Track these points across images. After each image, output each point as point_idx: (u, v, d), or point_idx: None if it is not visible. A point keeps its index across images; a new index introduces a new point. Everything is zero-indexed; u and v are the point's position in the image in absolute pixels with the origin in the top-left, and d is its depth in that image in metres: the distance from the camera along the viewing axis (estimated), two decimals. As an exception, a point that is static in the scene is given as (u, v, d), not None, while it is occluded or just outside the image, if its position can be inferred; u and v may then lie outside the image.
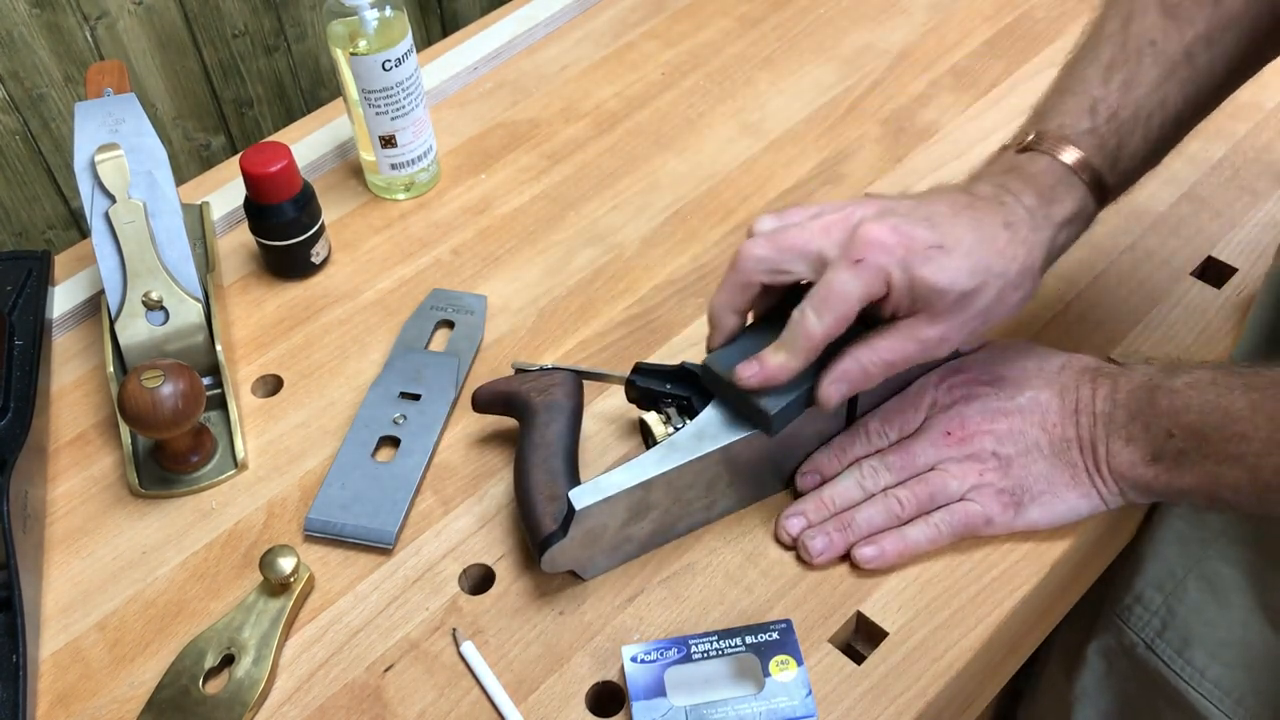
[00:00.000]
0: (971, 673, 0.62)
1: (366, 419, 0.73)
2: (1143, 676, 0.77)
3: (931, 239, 0.56)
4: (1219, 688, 0.72)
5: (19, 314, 0.78)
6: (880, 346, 0.58)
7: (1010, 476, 0.63)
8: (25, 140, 1.05)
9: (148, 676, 0.63)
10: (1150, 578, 0.75)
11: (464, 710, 0.60)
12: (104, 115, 0.75)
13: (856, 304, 0.56)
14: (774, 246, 0.59)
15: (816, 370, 0.59)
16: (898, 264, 0.55)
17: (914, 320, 0.57)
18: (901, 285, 0.56)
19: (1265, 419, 0.56)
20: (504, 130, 0.95)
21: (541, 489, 0.63)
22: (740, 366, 0.59)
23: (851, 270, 0.56)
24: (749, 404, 0.60)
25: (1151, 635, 0.75)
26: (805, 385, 0.60)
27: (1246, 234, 0.80)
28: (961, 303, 0.56)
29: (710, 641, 0.60)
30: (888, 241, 0.55)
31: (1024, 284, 0.58)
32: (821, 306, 0.56)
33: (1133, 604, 0.76)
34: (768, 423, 0.60)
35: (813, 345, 0.57)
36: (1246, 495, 0.57)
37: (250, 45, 1.15)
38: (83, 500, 0.71)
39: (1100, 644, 0.80)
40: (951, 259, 0.55)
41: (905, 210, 0.57)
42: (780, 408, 0.60)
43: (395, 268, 0.84)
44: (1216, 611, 0.72)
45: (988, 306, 0.57)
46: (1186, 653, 0.73)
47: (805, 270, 0.58)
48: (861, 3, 1.05)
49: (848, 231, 0.57)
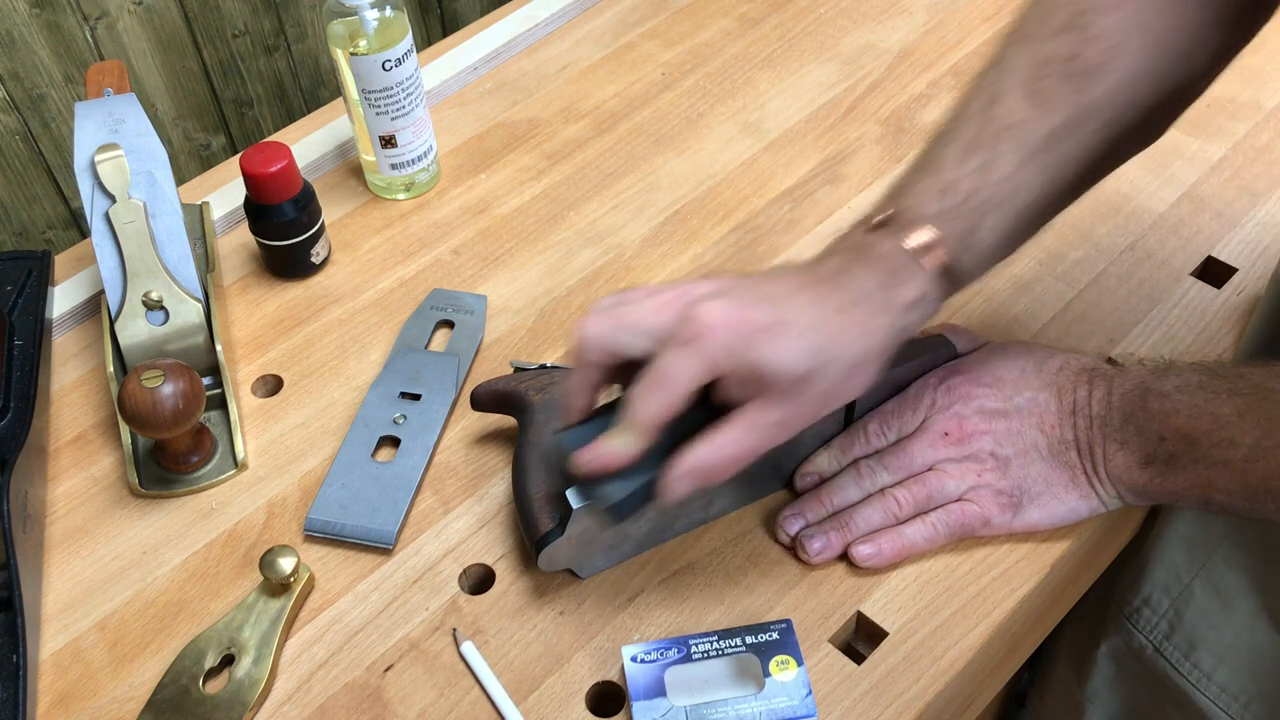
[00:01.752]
0: (971, 673, 0.62)
1: (366, 419, 0.73)
2: (1151, 679, 0.77)
3: (766, 319, 0.53)
4: (1226, 691, 0.72)
5: (19, 314, 0.78)
6: (719, 440, 0.55)
7: (1009, 477, 0.63)
8: (25, 140, 1.05)
9: (148, 676, 0.63)
10: (1157, 581, 0.75)
11: (464, 710, 0.60)
12: (104, 115, 0.75)
13: (687, 386, 0.54)
14: (609, 324, 0.56)
15: (660, 460, 0.56)
16: (732, 344, 0.53)
17: (753, 407, 0.54)
18: (735, 367, 0.53)
19: (1251, 425, 0.56)
20: (504, 130, 0.95)
21: (539, 488, 0.63)
22: (577, 453, 0.57)
23: (683, 351, 0.53)
24: (594, 490, 0.58)
25: (1159, 638, 0.75)
26: (649, 475, 0.57)
27: (1246, 234, 0.80)
28: (799, 385, 0.53)
29: (710, 641, 0.60)
30: (719, 322, 0.53)
31: (862, 367, 0.55)
32: (651, 388, 0.54)
33: (1141, 607, 0.76)
34: (613, 511, 0.57)
35: (644, 428, 0.54)
36: (1237, 499, 0.57)
37: (250, 45, 1.15)
38: (83, 500, 0.71)
39: (1110, 646, 0.80)
40: (787, 340, 0.53)
41: (742, 290, 0.55)
42: (620, 497, 0.57)
43: (395, 268, 0.84)
44: (1222, 615, 0.72)
45: (829, 388, 0.55)
46: (1194, 656, 0.74)
47: (640, 348, 0.55)
48: (861, 3, 1.05)
49: (682, 311, 0.54)
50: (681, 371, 0.53)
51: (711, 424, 0.55)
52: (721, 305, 0.53)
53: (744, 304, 0.54)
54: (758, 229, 0.85)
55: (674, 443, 0.56)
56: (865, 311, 0.55)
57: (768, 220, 0.85)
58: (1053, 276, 0.79)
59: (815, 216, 0.85)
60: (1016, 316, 0.76)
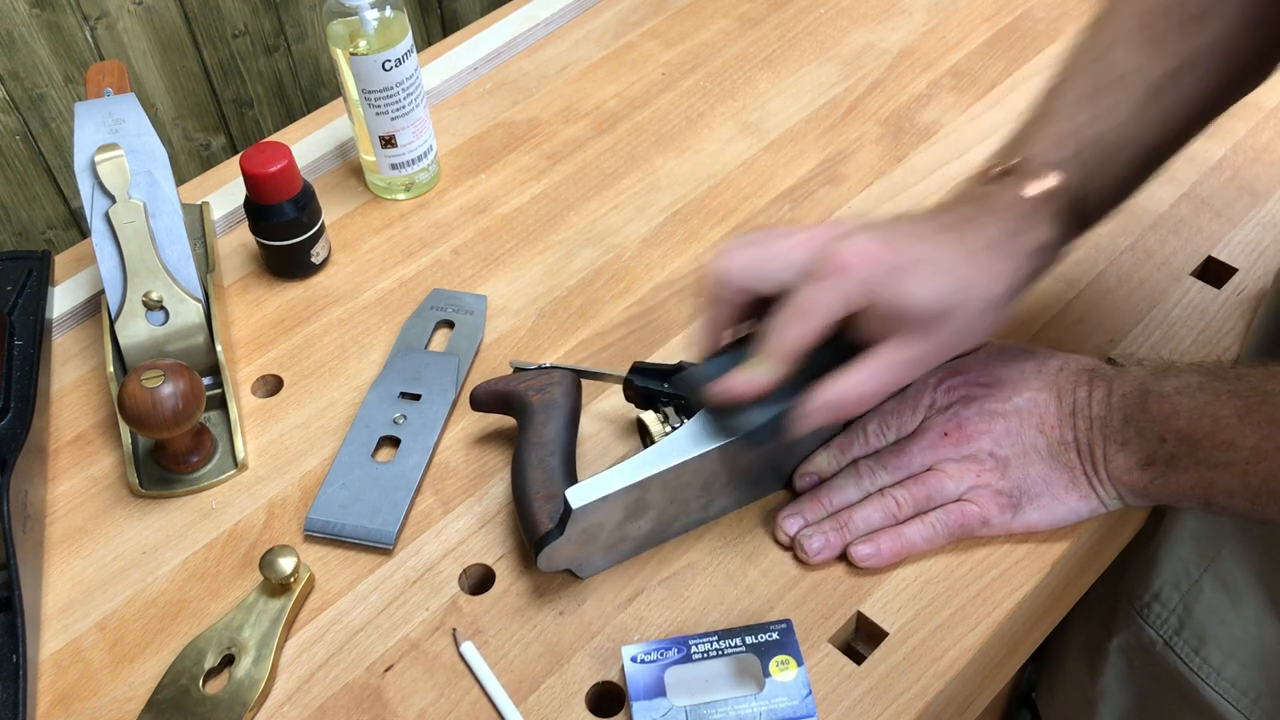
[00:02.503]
0: (971, 673, 0.62)
1: (366, 419, 0.73)
2: (1161, 674, 0.77)
3: (910, 255, 0.55)
4: (1235, 686, 0.72)
5: (19, 314, 0.78)
6: (856, 376, 0.57)
7: (1008, 478, 0.63)
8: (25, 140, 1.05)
9: (148, 676, 0.63)
10: (1167, 576, 0.75)
11: (464, 710, 0.60)
12: (104, 115, 0.75)
13: (826, 317, 0.55)
14: (749, 257, 0.58)
15: (791, 395, 0.58)
16: (875, 277, 0.55)
17: (889, 345, 0.56)
18: (877, 301, 0.55)
19: (1251, 427, 0.56)
20: (504, 130, 0.95)
21: (538, 488, 0.63)
22: (711, 384, 0.59)
23: (827, 282, 0.55)
24: (723, 421, 0.60)
25: (1169, 633, 0.75)
26: (779, 408, 0.59)
27: (1246, 234, 0.80)
28: (937, 322, 0.56)
29: (710, 641, 0.60)
30: (861, 256, 0.55)
31: (991, 311, 0.57)
32: (793, 318, 0.56)
33: (1151, 601, 0.76)
34: (740, 441, 0.59)
35: (781, 358, 0.56)
36: (1239, 500, 0.57)
37: (250, 45, 1.15)
38: (83, 500, 0.71)
39: (1121, 641, 0.80)
40: (929, 276, 0.55)
41: (879, 231, 0.57)
42: (752, 428, 0.59)
43: (395, 268, 0.84)
44: (1231, 611, 0.72)
45: (963, 327, 0.56)
46: (1203, 651, 0.74)
47: (779, 283, 0.57)
48: (861, 3, 1.05)
49: (822, 247, 0.56)
50: (822, 303, 0.55)
51: (844, 362, 0.57)
52: (863, 241, 0.55)
53: (884, 243, 0.56)
54: (758, 229, 0.85)
55: (803, 380, 0.58)
56: (994, 256, 0.57)
57: (768, 220, 0.85)
58: (1053, 276, 0.78)
59: (815, 216, 0.85)
60: (1016, 317, 0.76)
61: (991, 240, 0.57)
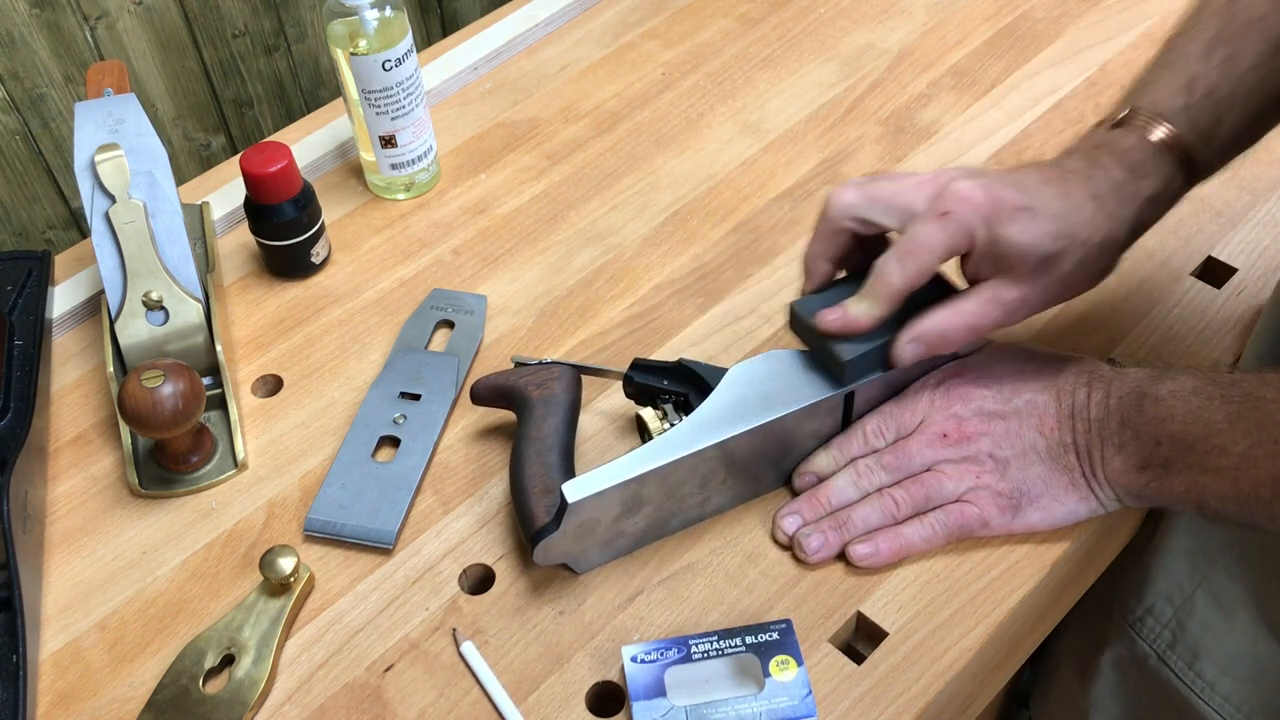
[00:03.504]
0: (971, 673, 0.62)
1: (366, 419, 0.73)
2: (1155, 688, 0.76)
3: (1018, 201, 0.56)
4: (1229, 701, 0.72)
5: (19, 314, 0.78)
6: (961, 309, 0.59)
7: (1008, 479, 0.63)
8: (25, 140, 1.05)
9: (148, 676, 0.63)
10: (1160, 590, 0.75)
11: (464, 710, 0.60)
12: (104, 115, 0.75)
13: (939, 256, 0.57)
14: (863, 194, 0.60)
15: (896, 328, 0.60)
16: (983, 220, 0.56)
17: (995, 283, 0.58)
18: (985, 242, 0.57)
19: (1242, 434, 0.56)
20: (504, 130, 0.95)
21: (536, 482, 0.63)
22: (823, 312, 0.61)
23: (937, 223, 0.56)
24: (827, 351, 0.62)
25: (1163, 647, 0.75)
26: (883, 339, 0.61)
27: (1246, 234, 0.80)
28: (1043, 266, 0.57)
29: (710, 641, 0.60)
30: (975, 198, 0.56)
31: (1106, 256, 0.59)
32: (904, 256, 0.57)
33: (1144, 615, 0.76)
34: (841, 369, 0.62)
35: (892, 294, 0.58)
36: (1230, 505, 0.57)
37: (250, 45, 1.15)
38: (83, 500, 0.71)
39: (1113, 653, 0.80)
40: (1036, 221, 0.56)
41: (990, 177, 0.58)
42: (855, 355, 0.61)
43: (395, 268, 0.84)
44: (1224, 626, 0.72)
45: (1069, 273, 0.58)
46: (1196, 665, 0.73)
47: (892, 221, 0.59)
48: (861, 3, 1.05)
49: (937, 188, 0.58)
50: (933, 241, 0.57)
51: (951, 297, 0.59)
52: (972, 185, 0.57)
53: (999, 185, 0.57)
54: (758, 229, 0.85)
55: (906, 318, 0.60)
56: (1111, 202, 0.58)
57: (768, 220, 0.85)
58: (1053, 276, 0.78)
59: (815, 216, 0.85)
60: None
61: (1106, 188, 0.58)
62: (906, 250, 0.58)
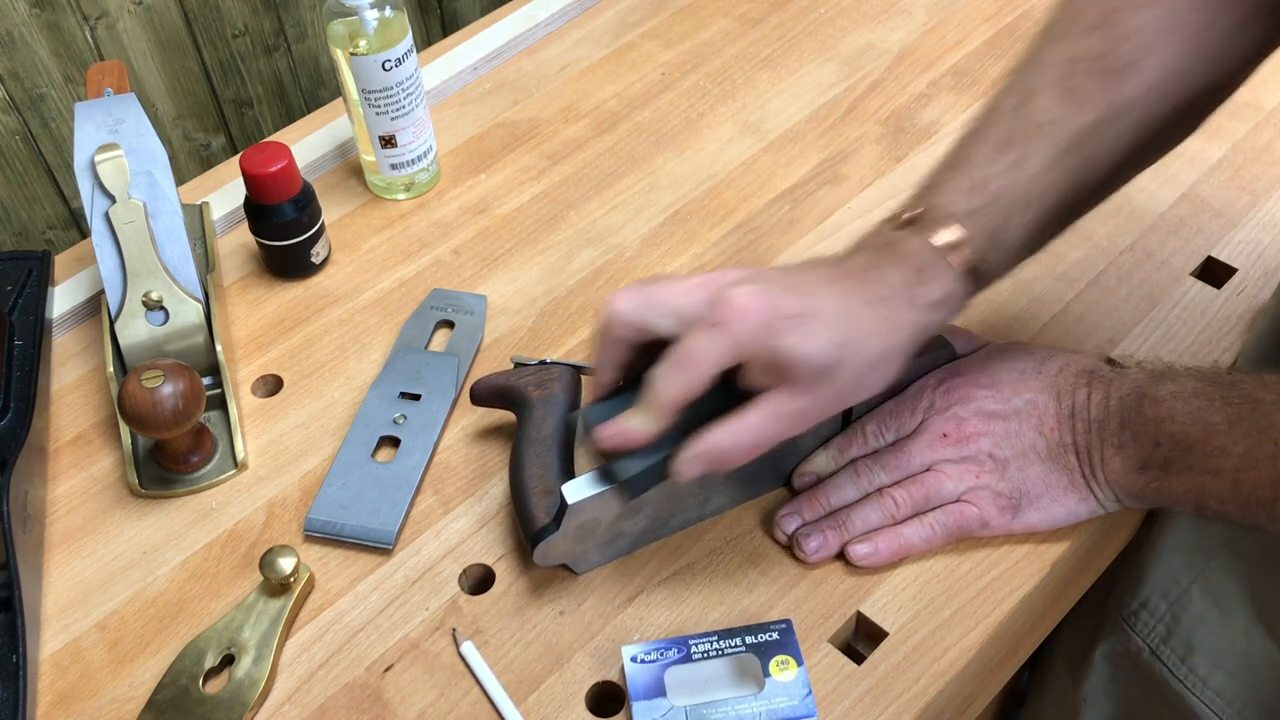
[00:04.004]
0: (971, 673, 0.62)
1: (366, 419, 0.73)
2: (1147, 682, 0.77)
3: (795, 307, 0.53)
4: (1221, 697, 0.72)
5: (19, 314, 0.78)
6: (741, 426, 0.55)
7: (1008, 479, 0.63)
8: (25, 140, 1.05)
9: (148, 676, 0.63)
10: (1155, 585, 0.75)
11: (464, 710, 0.60)
12: (104, 115, 0.75)
13: (711, 368, 0.54)
14: (638, 301, 0.57)
15: (678, 440, 0.56)
16: (757, 331, 0.53)
17: (775, 395, 0.55)
18: (762, 353, 0.53)
19: (1241, 435, 0.56)
20: (504, 130, 0.95)
21: (535, 482, 0.63)
22: (598, 428, 0.57)
23: (709, 334, 0.53)
24: (607, 466, 0.59)
25: (1156, 642, 0.75)
26: (663, 454, 0.57)
27: (1246, 234, 0.80)
28: (822, 376, 0.54)
29: (710, 641, 0.60)
30: (749, 307, 0.53)
31: (885, 364, 0.56)
32: (675, 369, 0.54)
33: (1139, 610, 0.76)
34: (622, 487, 0.58)
35: (665, 408, 0.55)
36: (1230, 506, 0.57)
37: (250, 45, 1.15)
38: (83, 500, 0.71)
39: (1106, 648, 0.80)
40: (813, 329, 0.53)
41: (773, 279, 0.55)
42: (633, 474, 0.57)
43: (395, 268, 0.84)
44: (1219, 622, 0.72)
45: (849, 383, 0.55)
46: (1190, 661, 0.73)
47: (667, 327, 0.56)
48: (861, 3, 1.05)
49: (712, 294, 0.55)
50: (707, 353, 0.54)
51: (731, 410, 0.55)
52: (752, 290, 0.54)
53: (774, 291, 0.54)
54: (758, 229, 0.85)
55: (694, 425, 0.56)
56: (892, 307, 0.55)
57: (768, 220, 0.85)
58: (1053, 276, 0.79)
59: (815, 216, 0.85)
60: (1016, 317, 0.76)
61: (891, 290, 0.55)
62: (677, 362, 0.54)
